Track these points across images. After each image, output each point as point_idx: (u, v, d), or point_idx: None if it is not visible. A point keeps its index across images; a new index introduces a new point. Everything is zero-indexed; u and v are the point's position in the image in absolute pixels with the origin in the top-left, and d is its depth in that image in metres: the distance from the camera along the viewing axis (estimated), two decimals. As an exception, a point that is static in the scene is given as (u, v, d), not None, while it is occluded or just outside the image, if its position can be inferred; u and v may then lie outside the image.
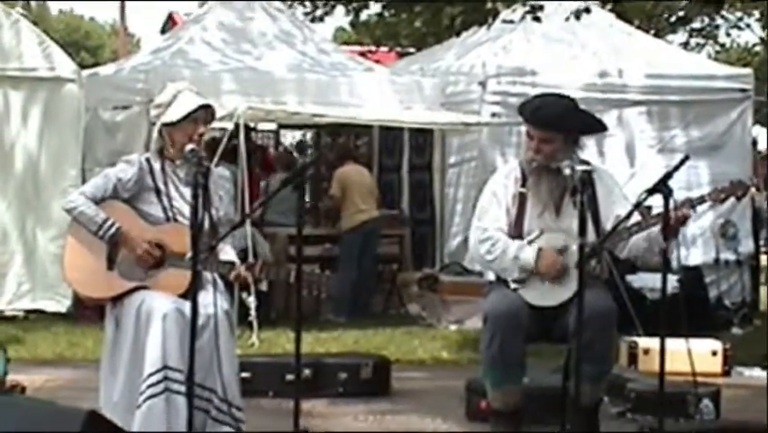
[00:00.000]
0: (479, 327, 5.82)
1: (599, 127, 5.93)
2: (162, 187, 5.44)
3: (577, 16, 11.12)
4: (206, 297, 5.13)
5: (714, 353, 8.50)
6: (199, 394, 5.07)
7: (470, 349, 9.00)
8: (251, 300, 9.13)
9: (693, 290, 10.53)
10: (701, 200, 5.37)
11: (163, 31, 28.17)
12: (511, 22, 11.50)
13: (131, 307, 5.26)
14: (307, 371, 7.33)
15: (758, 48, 26.18)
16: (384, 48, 20.53)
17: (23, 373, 7.37)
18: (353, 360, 7.78)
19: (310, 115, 11.30)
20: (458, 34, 11.87)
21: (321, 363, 7.61)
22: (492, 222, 5.67)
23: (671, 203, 4.93)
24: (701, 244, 11.77)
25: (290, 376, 6.99)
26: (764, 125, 17.79)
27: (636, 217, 5.32)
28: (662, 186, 4.88)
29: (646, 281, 10.04)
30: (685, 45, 24.23)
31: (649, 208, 5.30)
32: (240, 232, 8.74)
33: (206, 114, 5.48)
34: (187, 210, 5.03)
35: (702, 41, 25.57)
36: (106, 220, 5.33)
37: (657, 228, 5.24)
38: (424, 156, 12.68)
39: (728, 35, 25.84)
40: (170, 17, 30.57)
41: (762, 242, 13.23)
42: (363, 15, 17.88)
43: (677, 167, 4.94)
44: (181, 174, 5.43)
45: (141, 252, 5.33)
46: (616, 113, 11.68)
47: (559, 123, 5.58)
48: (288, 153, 14.64)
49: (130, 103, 11.10)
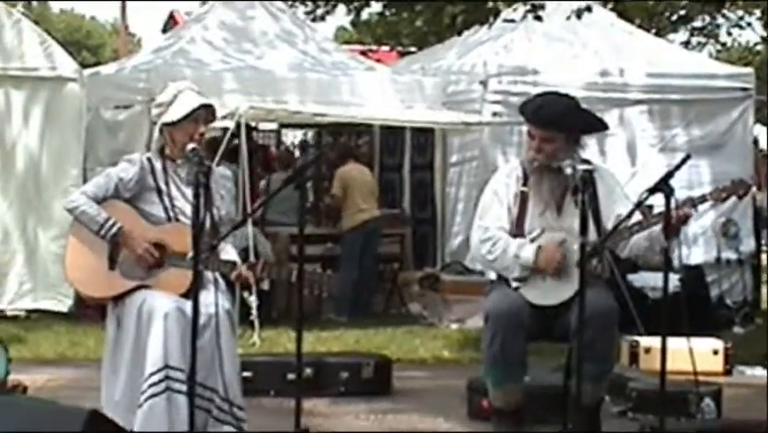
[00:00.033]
0: (480, 327, 5.83)
1: (601, 126, 5.93)
2: (164, 186, 5.43)
3: (578, 15, 11.13)
4: (208, 296, 5.13)
5: (715, 352, 8.50)
6: (201, 394, 5.07)
7: (471, 348, 8.99)
8: (253, 300, 9.12)
9: (695, 289, 10.52)
10: (703, 199, 5.36)
11: (164, 30, 28.14)
12: (512, 21, 11.50)
13: (132, 306, 5.26)
14: (309, 370, 7.33)
15: (759, 47, 26.12)
16: (385, 47, 20.53)
17: (25, 373, 7.36)
18: (355, 359, 7.78)
19: (311, 115, 11.28)
20: (459, 33, 11.87)
21: (322, 362, 7.61)
22: (494, 221, 5.67)
23: (672, 202, 4.93)
24: (703, 243, 11.75)
25: (292, 375, 7.00)
26: (765, 124, 17.75)
27: (638, 216, 5.31)
28: (663, 185, 4.88)
29: (648, 280, 10.03)
30: (686, 44, 24.19)
31: (650, 207, 5.30)
32: (241, 231, 8.74)
33: (207, 113, 5.48)
34: (189, 210, 5.03)
35: (703, 40, 25.53)
36: (108, 220, 5.33)
37: (658, 227, 5.23)
38: (425, 155, 12.67)
39: (729, 34, 25.79)
40: (171, 16, 30.56)
41: (763, 241, 13.20)
42: (364, 14, 17.90)
43: (678, 166, 4.94)
44: (182, 174, 5.43)
45: (140, 251, 5.33)
46: (617, 112, 11.66)
47: (560, 122, 5.58)
48: (289, 153, 14.62)
49: (131, 102, 11.09)
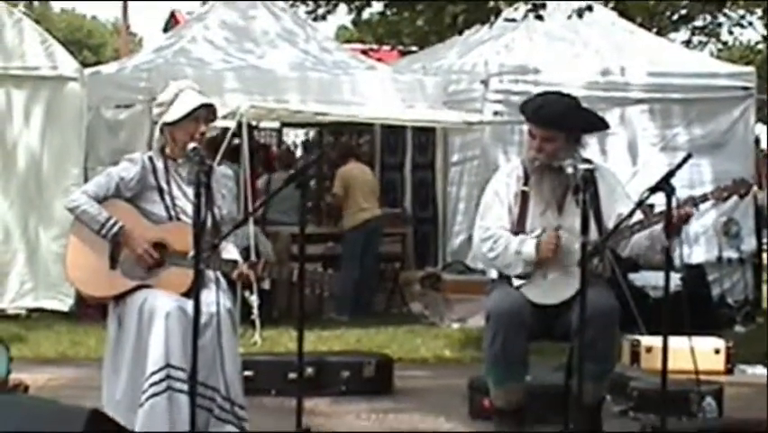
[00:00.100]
0: (481, 326, 5.83)
1: (602, 125, 5.93)
2: (165, 186, 5.43)
3: (579, 14, 11.13)
4: (209, 295, 5.13)
5: (717, 351, 8.50)
6: (202, 393, 5.07)
7: (472, 347, 8.99)
8: (254, 299, 9.13)
9: (696, 289, 10.51)
10: (704, 198, 5.36)
11: (165, 29, 28.16)
12: (513, 20, 11.49)
13: (133, 305, 5.26)
14: (310, 369, 7.32)
15: (761, 46, 26.10)
16: (386, 46, 20.52)
17: (26, 372, 7.35)
18: (356, 358, 7.78)
19: (312, 114, 11.28)
20: (460, 33, 11.87)
21: (324, 361, 7.60)
22: (495, 221, 5.67)
23: (673, 201, 4.93)
24: (704, 243, 11.74)
25: (293, 375, 7.01)
26: (767, 123, 17.77)
27: (639, 216, 5.31)
28: (664, 184, 4.88)
29: (649, 280, 10.02)
30: (687, 43, 24.19)
31: (651, 207, 5.30)
32: (242, 231, 8.74)
33: (208, 112, 5.48)
34: (190, 209, 5.03)
35: (705, 40, 25.52)
36: (109, 219, 5.33)
37: (659, 226, 5.22)
38: (426, 155, 12.67)
39: (731, 33, 25.75)
40: (173, 16, 30.58)
41: (764, 240, 13.19)
42: (366, 14, 17.93)
43: (679, 165, 4.94)
44: (184, 173, 5.43)
45: (140, 251, 5.33)
46: (618, 111, 11.66)
47: (561, 121, 5.58)
48: (290, 152, 14.62)
49: (132, 101, 11.08)
